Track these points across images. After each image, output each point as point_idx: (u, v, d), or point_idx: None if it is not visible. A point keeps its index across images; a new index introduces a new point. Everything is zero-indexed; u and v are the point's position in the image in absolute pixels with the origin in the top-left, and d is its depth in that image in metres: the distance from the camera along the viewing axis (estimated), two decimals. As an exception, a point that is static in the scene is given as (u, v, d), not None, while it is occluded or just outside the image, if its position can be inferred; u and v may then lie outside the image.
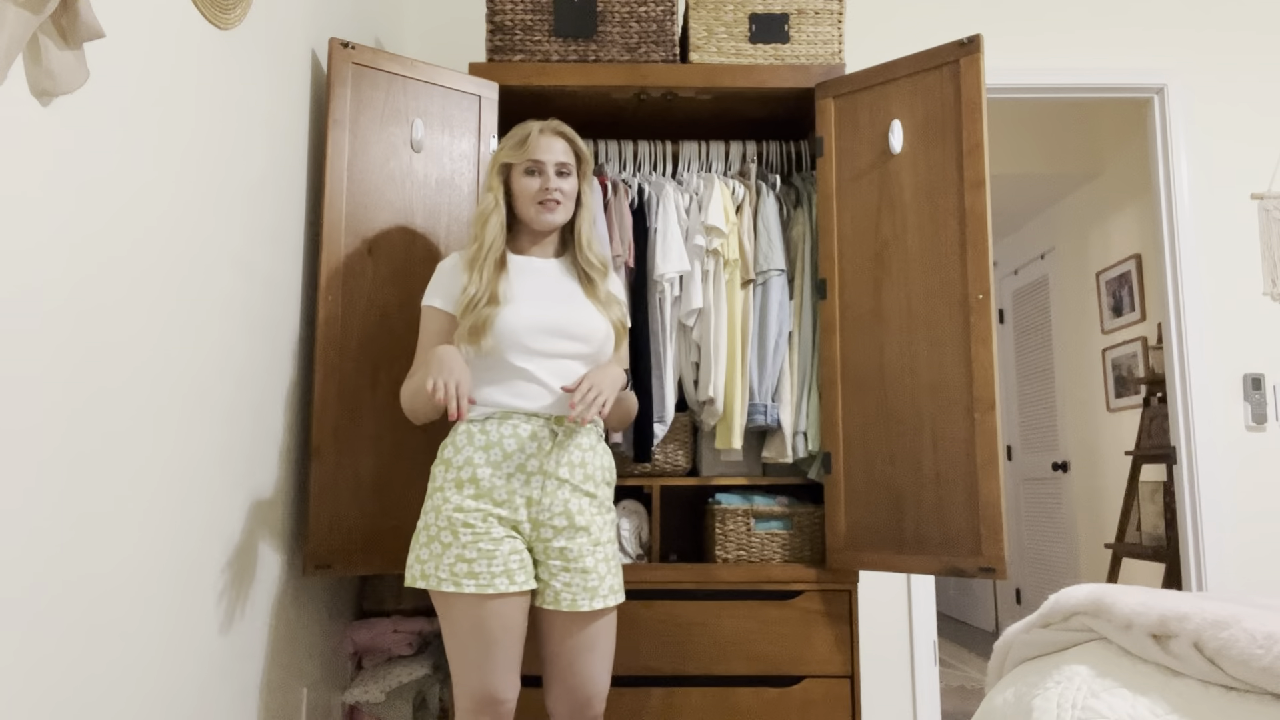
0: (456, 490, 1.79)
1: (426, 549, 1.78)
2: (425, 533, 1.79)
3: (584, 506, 1.85)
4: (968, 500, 2.15)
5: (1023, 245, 5.74)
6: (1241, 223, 3.28)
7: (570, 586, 1.81)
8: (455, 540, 1.76)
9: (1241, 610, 1.18)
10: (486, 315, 1.84)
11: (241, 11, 1.82)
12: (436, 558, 1.76)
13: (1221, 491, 3.16)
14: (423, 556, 1.78)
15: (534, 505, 1.82)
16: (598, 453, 1.91)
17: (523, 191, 1.95)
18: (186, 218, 1.64)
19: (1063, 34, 3.34)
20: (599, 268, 1.99)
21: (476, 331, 1.84)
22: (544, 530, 1.82)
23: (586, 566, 1.82)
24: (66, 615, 1.31)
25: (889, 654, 3.07)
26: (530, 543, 1.83)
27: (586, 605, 1.81)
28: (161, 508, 1.57)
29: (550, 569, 1.82)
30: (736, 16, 2.52)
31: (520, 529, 1.81)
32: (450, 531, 1.76)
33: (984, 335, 2.17)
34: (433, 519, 1.79)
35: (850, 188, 2.38)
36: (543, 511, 1.82)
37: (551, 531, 1.82)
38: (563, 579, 1.82)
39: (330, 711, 2.40)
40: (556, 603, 1.82)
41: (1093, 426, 4.88)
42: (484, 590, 1.74)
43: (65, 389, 1.30)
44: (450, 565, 1.74)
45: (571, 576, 1.81)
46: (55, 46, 1.22)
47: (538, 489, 1.82)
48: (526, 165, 1.94)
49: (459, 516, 1.77)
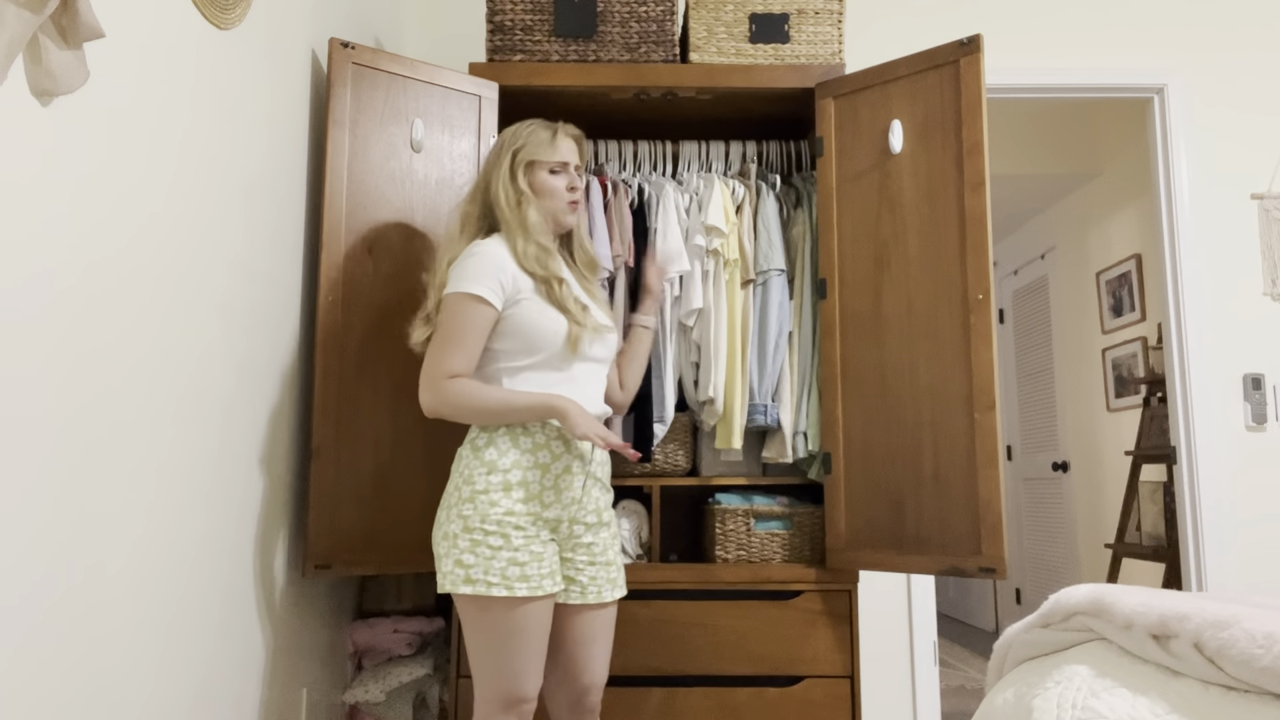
0: (505, 493, 1.77)
1: (472, 553, 1.73)
2: (468, 536, 1.74)
3: (608, 503, 1.94)
4: (968, 500, 2.15)
5: (1023, 245, 5.74)
6: (1241, 223, 3.28)
7: (596, 580, 1.88)
8: (507, 543, 1.74)
9: (1241, 610, 1.18)
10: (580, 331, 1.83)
11: (241, 11, 1.82)
12: (486, 561, 1.73)
13: (1221, 491, 3.16)
14: (467, 561, 1.73)
15: (575, 504, 1.84)
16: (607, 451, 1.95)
17: (550, 190, 1.93)
18: (186, 217, 1.64)
19: (1062, 34, 3.34)
20: (593, 265, 2.02)
21: (575, 341, 1.83)
22: (576, 527, 1.86)
23: (610, 559, 1.91)
24: (66, 615, 1.31)
25: (889, 654, 3.07)
26: (560, 540, 1.85)
27: (610, 595, 1.89)
28: (160, 508, 1.57)
29: (576, 564, 1.86)
30: (736, 16, 2.52)
31: (559, 529, 1.83)
32: (501, 535, 1.74)
33: (984, 335, 2.17)
34: (477, 522, 1.74)
35: (850, 188, 2.38)
36: (581, 510, 1.85)
37: (583, 528, 1.87)
38: (589, 573, 1.87)
39: (330, 711, 2.40)
40: (583, 596, 1.87)
41: (1093, 426, 4.88)
42: (535, 592, 1.74)
43: (63, 388, 1.30)
44: (502, 569, 1.73)
45: (598, 570, 1.88)
46: (55, 46, 1.22)
47: (579, 488, 1.85)
48: (553, 165, 1.93)
49: (510, 520, 1.75)
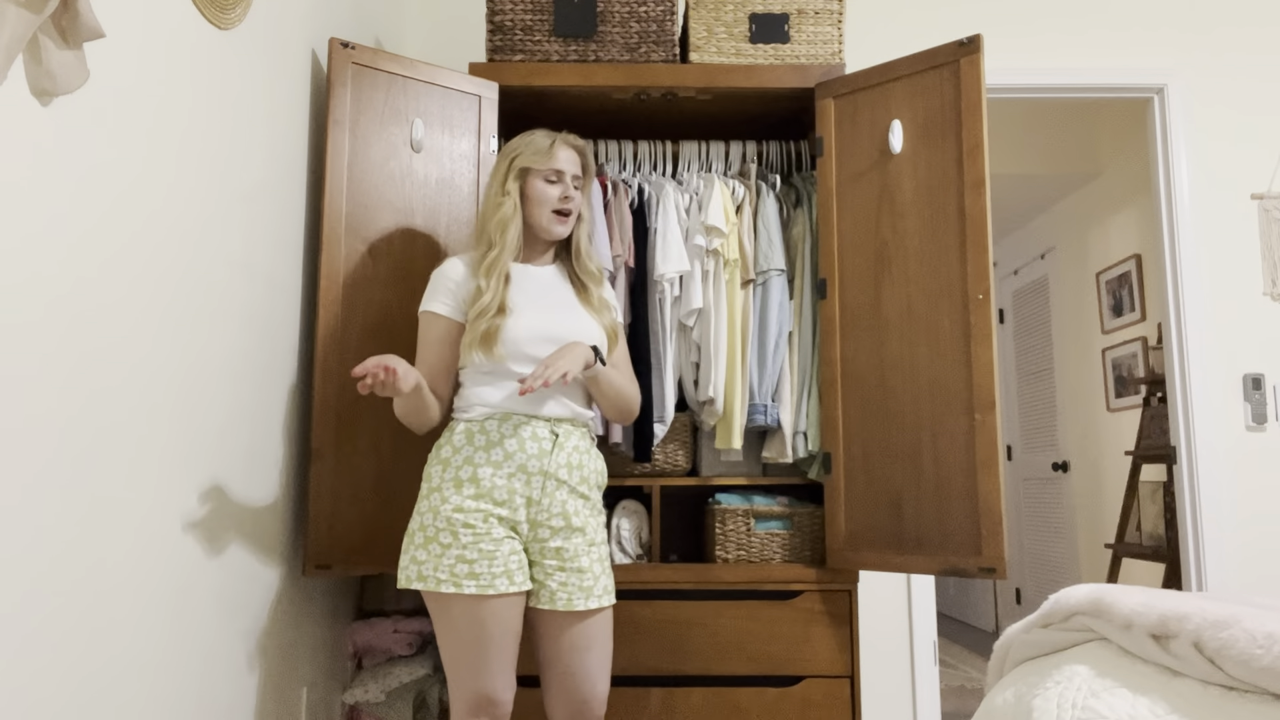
0: (456, 490, 1.78)
1: (424, 550, 1.76)
2: (422, 533, 1.78)
3: (580, 508, 1.86)
4: (968, 500, 2.15)
5: (1023, 245, 5.74)
6: (1241, 223, 3.28)
7: (566, 586, 1.82)
8: (455, 541, 1.75)
9: (1241, 610, 1.18)
10: (497, 324, 1.84)
11: (241, 11, 1.82)
12: (435, 558, 1.75)
13: (1221, 491, 3.16)
14: (419, 558, 1.77)
15: (533, 505, 1.82)
16: (591, 455, 1.93)
17: (540, 198, 1.94)
18: (185, 217, 1.64)
19: (1062, 34, 3.34)
20: (595, 276, 2.01)
21: (489, 340, 1.83)
22: (541, 530, 1.83)
23: (582, 566, 1.84)
24: (67, 615, 1.31)
25: (889, 654, 3.07)
26: (526, 543, 1.83)
27: (582, 605, 1.83)
28: (160, 508, 1.57)
29: (546, 569, 1.83)
30: (736, 16, 2.52)
31: (519, 529, 1.82)
32: (450, 532, 1.75)
33: (984, 335, 2.17)
34: (430, 519, 1.78)
35: (850, 188, 2.38)
36: (541, 512, 1.82)
37: (549, 532, 1.83)
38: (558, 579, 1.82)
39: (330, 711, 2.40)
40: (552, 602, 1.82)
41: (1093, 426, 4.88)
42: (484, 591, 1.73)
43: (65, 388, 1.30)
44: (450, 566, 1.74)
45: (567, 576, 1.83)
46: (55, 46, 1.22)
47: (538, 489, 1.82)
48: (547, 173, 1.94)
49: (459, 517, 1.76)
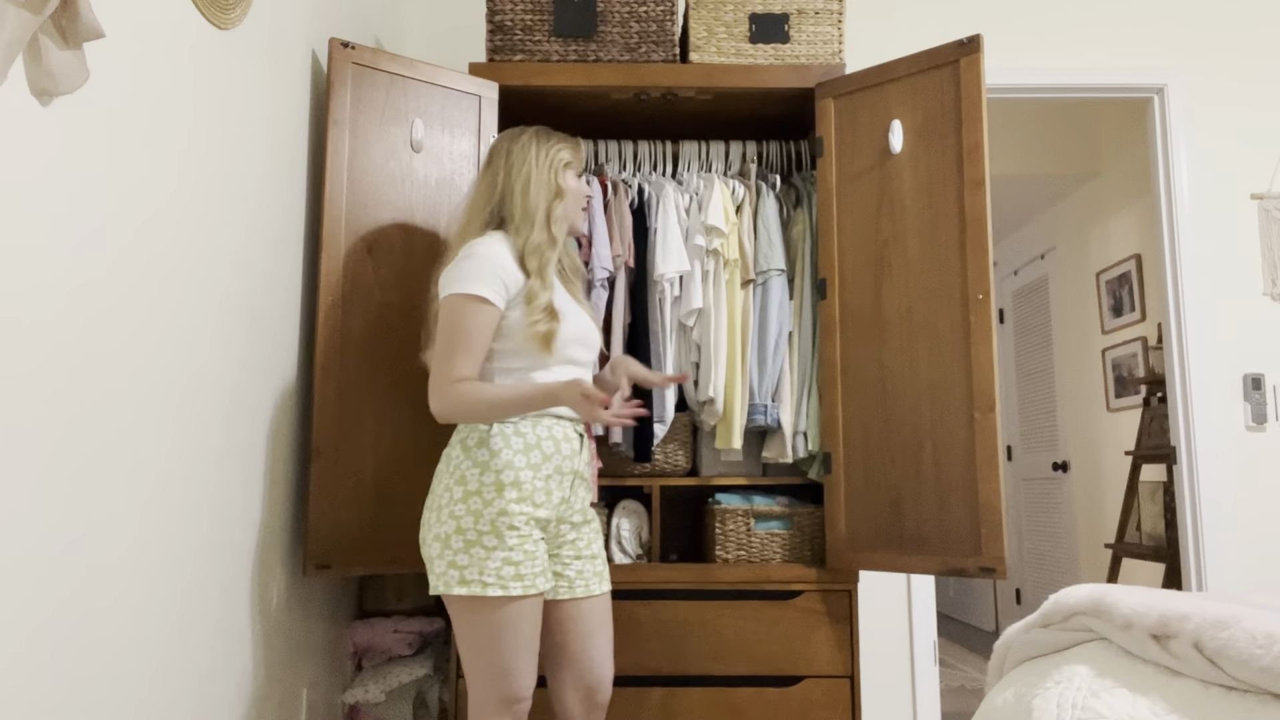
0: (498, 493, 1.76)
1: (466, 554, 1.73)
2: (460, 537, 1.74)
3: (588, 500, 1.96)
4: (968, 500, 2.15)
5: (1023, 245, 5.74)
6: (1241, 223, 3.28)
7: (583, 574, 1.90)
8: (501, 544, 1.73)
9: (1241, 610, 1.18)
10: (554, 328, 1.81)
11: (241, 11, 1.81)
12: (479, 562, 1.72)
13: (1221, 491, 3.16)
14: (460, 562, 1.73)
15: (564, 504, 1.86)
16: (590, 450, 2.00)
17: (576, 193, 1.95)
18: (187, 218, 1.64)
19: (1062, 34, 3.34)
20: (580, 274, 2.04)
21: (549, 340, 1.81)
22: (564, 526, 1.88)
23: (595, 553, 1.94)
24: (68, 615, 1.31)
25: (889, 654, 3.07)
26: (548, 539, 1.86)
27: (599, 588, 1.92)
28: (160, 508, 1.57)
29: (563, 560, 1.89)
30: (736, 16, 2.52)
31: (548, 528, 1.84)
32: (495, 535, 1.74)
33: (984, 335, 2.17)
34: (470, 522, 1.74)
35: (850, 188, 2.38)
36: (568, 509, 1.87)
37: (569, 527, 1.89)
38: (576, 567, 1.89)
39: (330, 711, 2.40)
40: (571, 590, 1.88)
41: (1093, 426, 4.88)
42: (529, 591, 1.74)
43: (66, 389, 1.30)
44: (496, 569, 1.72)
45: (584, 564, 1.90)
46: (55, 46, 1.22)
47: (568, 488, 1.86)
48: (579, 170, 1.97)
49: (504, 520, 1.74)
